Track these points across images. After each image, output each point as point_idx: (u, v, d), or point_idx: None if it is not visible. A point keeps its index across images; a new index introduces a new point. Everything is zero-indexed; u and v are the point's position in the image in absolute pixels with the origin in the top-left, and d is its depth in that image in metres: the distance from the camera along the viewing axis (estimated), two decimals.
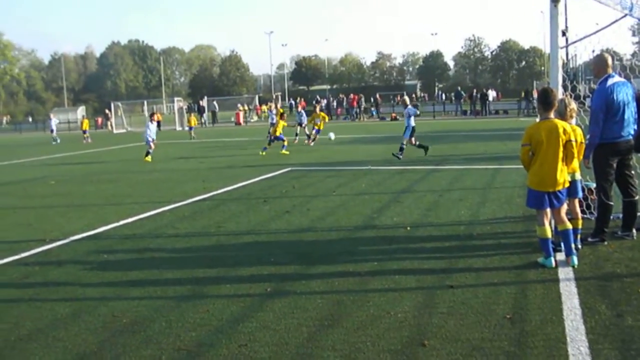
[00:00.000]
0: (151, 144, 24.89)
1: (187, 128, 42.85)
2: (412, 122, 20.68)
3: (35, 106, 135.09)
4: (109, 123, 66.11)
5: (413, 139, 20.94)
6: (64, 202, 14.55)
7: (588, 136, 8.24)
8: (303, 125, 31.46)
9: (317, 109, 32.65)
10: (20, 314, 6.66)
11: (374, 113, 62.33)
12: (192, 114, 45.55)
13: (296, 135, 30.72)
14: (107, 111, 69.52)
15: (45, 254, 9.40)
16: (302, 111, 32.95)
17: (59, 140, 44.20)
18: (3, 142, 41.47)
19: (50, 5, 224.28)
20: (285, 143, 24.88)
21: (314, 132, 29.89)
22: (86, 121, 47.26)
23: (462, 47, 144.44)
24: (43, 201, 14.98)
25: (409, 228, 9.85)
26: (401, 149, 20.19)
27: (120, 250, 9.45)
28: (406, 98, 26.02)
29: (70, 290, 7.45)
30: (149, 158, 24.59)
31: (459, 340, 5.34)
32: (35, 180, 20.15)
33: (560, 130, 7.28)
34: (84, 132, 44.62)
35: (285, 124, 25.71)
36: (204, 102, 66.47)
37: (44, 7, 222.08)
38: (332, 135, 31.41)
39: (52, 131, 47.18)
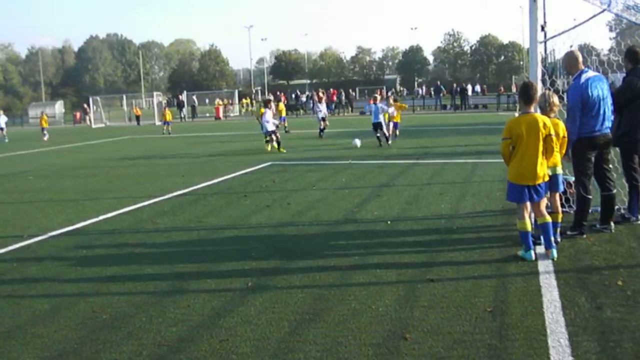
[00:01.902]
0: (273, 135, 23.15)
1: (162, 123, 41.95)
2: (380, 118, 22.65)
3: (12, 101, 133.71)
4: (87, 117, 65.65)
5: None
6: (42, 198, 14.43)
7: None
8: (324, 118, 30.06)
9: (392, 100, 27.58)
10: None
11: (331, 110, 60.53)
12: (167, 109, 44.48)
13: (321, 130, 29.60)
14: (85, 105, 69.02)
15: (23, 251, 9.31)
16: (323, 104, 32.15)
17: (6, 140, 41.62)
18: None
19: None
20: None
21: (391, 126, 24.57)
22: (45, 117, 45.24)
23: (441, 42, 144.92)
24: (21, 196, 14.84)
25: (389, 222, 9.87)
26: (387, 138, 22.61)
27: (99, 246, 9.38)
28: (377, 96, 26.31)
29: (49, 287, 7.39)
30: (280, 149, 22.91)
31: (440, 334, 5.35)
32: (12, 175, 19.97)
33: (541, 124, 7.31)
34: (43, 129, 42.68)
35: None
36: (183, 97, 66.20)
37: (20, 1, 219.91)
38: (357, 143, 22.95)
39: (1, 129, 43.38)
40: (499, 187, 12.26)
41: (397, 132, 25.63)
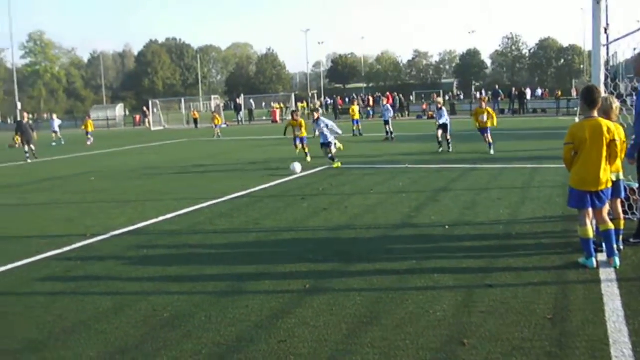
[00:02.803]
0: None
1: (213, 126, 42.26)
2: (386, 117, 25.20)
3: (75, 104, 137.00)
4: (146, 120, 66.80)
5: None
6: (104, 198, 14.76)
7: (633, 136, 8.10)
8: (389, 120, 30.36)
9: (484, 102, 23.29)
10: (64, 306, 6.79)
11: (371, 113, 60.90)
12: (216, 114, 44.94)
13: (387, 133, 29.97)
14: (145, 109, 70.24)
15: (86, 249, 9.56)
16: (388, 106, 32.08)
17: (62, 143, 42.45)
18: (45, 139, 41.99)
19: (90, 5, 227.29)
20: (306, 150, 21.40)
21: (488, 137, 21.62)
22: (90, 122, 43.97)
23: (499, 45, 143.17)
24: (84, 197, 15.22)
25: (447, 227, 9.80)
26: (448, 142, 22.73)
27: (160, 246, 9.57)
28: (440, 99, 26.61)
29: (112, 285, 7.57)
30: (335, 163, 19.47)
31: (498, 340, 5.30)
32: (75, 176, 20.48)
33: (605, 129, 7.17)
34: (87, 133, 41.99)
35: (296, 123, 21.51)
36: (240, 100, 66.79)
37: (84, 6, 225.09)
38: (297, 168, 17.61)
39: (55, 132, 44.01)
40: (559, 193, 12.07)
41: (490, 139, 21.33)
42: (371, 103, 63.63)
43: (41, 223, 11.93)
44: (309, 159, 20.76)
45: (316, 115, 19.91)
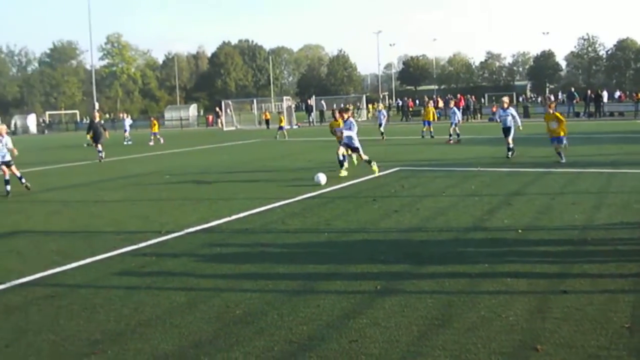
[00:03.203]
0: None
1: (277, 128, 42.36)
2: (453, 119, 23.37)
3: (149, 104, 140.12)
4: (219, 121, 67.72)
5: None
6: (177, 196, 15.08)
7: None
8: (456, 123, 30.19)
9: (551, 108, 20.54)
10: (140, 300, 6.99)
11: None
12: (281, 115, 45.29)
13: (450, 135, 29.92)
14: (217, 109, 71.23)
15: (161, 245, 9.80)
16: (455, 109, 31.89)
17: (130, 142, 43.28)
18: (119, 139, 43.04)
19: (165, 7, 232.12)
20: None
21: (564, 143, 19.22)
22: (155, 122, 43.48)
23: (575, 47, 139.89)
24: (158, 194, 15.59)
25: (520, 231, 9.66)
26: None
27: (232, 244, 9.73)
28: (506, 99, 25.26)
29: (186, 280, 7.74)
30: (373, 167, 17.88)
31: (573, 347, 5.21)
32: (150, 174, 20.95)
33: None
34: (154, 134, 41.89)
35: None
36: (311, 101, 67.10)
37: (159, 9, 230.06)
38: (321, 179, 15.96)
39: (125, 131, 45.12)
40: (637, 199, 11.78)
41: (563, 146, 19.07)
42: (440, 105, 62.98)
43: (117, 220, 12.27)
44: (345, 167, 17.99)
45: (346, 116, 18.37)
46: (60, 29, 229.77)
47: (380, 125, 34.55)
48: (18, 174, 17.39)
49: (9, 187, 16.78)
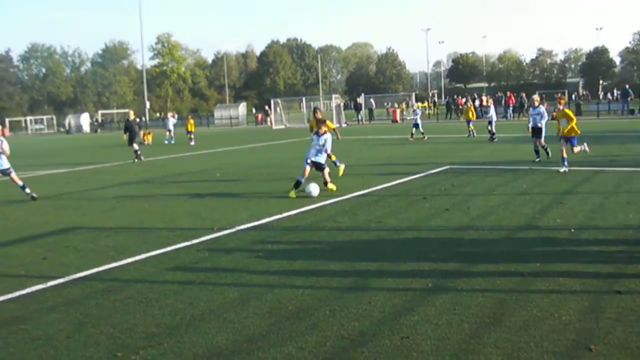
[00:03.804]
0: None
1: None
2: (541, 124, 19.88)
3: (199, 103, 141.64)
4: (268, 119, 68.10)
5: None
6: (229, 193, 15.27)
7: None
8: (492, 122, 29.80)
9: (561, 104, 17.84)
10: (194, 295, 7.12)
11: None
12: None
13: (490, 133, 29.69)
14: (266, 108, 71.64)
15: (213, 242, 9.95)
16: (491, 106, 31.47)
17: (173, 141, 42.42)
18: (161, 137, 43.61)
19: (214, 7, 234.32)
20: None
21: (582, 148, 17.43)
22: (191, 121, 42.51)
23: (629, 42, 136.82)
24: (210, 192, 15.78)
25: (573, 230, 9.56)
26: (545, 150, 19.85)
27: (283, 241, 9.83)
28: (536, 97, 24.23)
29: (238, 276, 7.88)
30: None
31: (628, 348, 5.16)
32: (201, 172, 21.23)
33: None
34: (189, 132, 40.86)
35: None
36: (360, 100, 67.02)
37: (209, 8, 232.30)
38: (313, 191, 14.11)
39: (169, 131, 43.81)
40: None
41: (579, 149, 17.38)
42: (484, 103, 62.07)
43: (171, 216, 12.49)
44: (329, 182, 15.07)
45: (323, 129, 15.16)
46: (112, 29, 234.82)
47: (416, 125, 32.57)
48: (20, 183, 16.23)
49: (27, 190, 16.14)
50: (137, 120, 32.06)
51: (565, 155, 16.71)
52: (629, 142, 25.80)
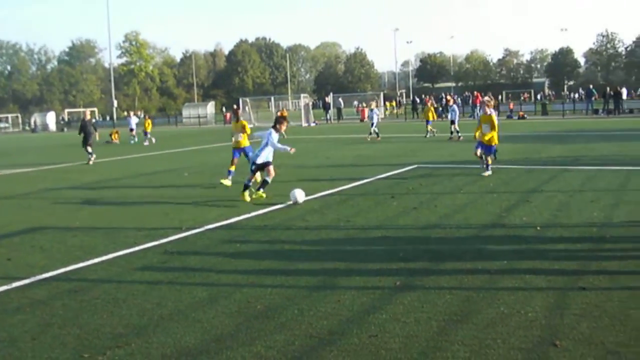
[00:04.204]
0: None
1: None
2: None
3: (167, 101, 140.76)
4: None
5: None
6: (197, 193, 15.19)
7: None
8: (455, 122, 30.37)
9: (489, 108, 17.45)
10: (162, 295, 7.09)
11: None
12: (279, 112, 45.32)
13: (452, 132, 30.26)
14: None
15: (182, 241, 9.91)
16: (454, 106, 31.90)
17: (137, 140, 41.80)
18: (127, 137, 43.20)
19: (183, 5, 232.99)
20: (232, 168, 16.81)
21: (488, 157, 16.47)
22: (149, 121, 42.05)
23: (593, 43, 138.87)
24: (178, 191, 15.70)
25: (539, 228, 9.68)
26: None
27: (252, 240, 9.82)
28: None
29: (207, 276, 7.85)
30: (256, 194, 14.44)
31: (592, 343, 5.24)
32: (169, 171, 21.11)
33: None
34: (146, 133, 40.41)
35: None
36: (329, 99, 67.11)
37: (177, 7, 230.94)
38: (298, 197, 12.94)
39: (131, 130, 43.00)
40: None
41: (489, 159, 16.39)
42: (450, 102, 62.29)
43: (138, 216, 12.41)
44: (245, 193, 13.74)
45: (283, 128, 14.40)
46: (79, 27, 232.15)
47: (372, 124, 32.67)
48: None
49: None
50: (93, 120, 30.72)
51: (484, 157, 16.20)
52: (593, 141, 26.17)
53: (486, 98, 20.39)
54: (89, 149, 26.29)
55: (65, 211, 13.54)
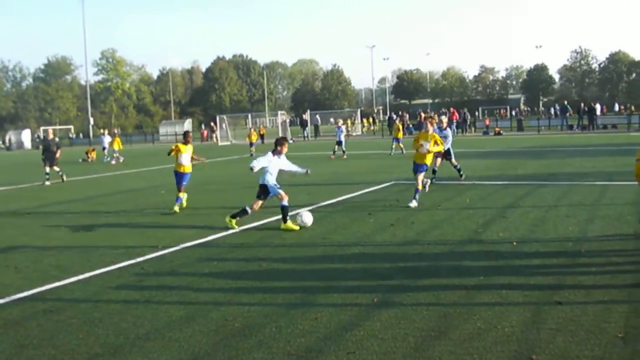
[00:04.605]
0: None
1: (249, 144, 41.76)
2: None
3: (144, 119, 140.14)
4: (214, 136, 67.81)
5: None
6: (174, 210, 15.06)
7: None
8: None
9: (432, 126, 15.21)
10: (139, 314, 7.04)
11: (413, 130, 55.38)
12: (253, 130, 45.27)
13: (334, 152, 31.48)
14: (212, 124, 71.33)
15: (158, 260, 9.85)
16: (343, 127, 33.14)
17: (109, 159, 40.40)
18: (101, 155, 42.91)
19: (160, 23, 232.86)
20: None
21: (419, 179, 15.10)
22: (118, 140, 41.84)
23: (568, 60, 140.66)
24: (155, 209, 15.61)
25: (515, 243, 9.76)
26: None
27: (229, 258, 9.78)
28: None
29: (184, 295, 7.80)
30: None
31: (568, 357, 5.29)
32: (146, 189, 20.99)
33: None
34: (115, 151, 39.82)
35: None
36: (306, 116, 67.24)
37: (154, 24, 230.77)
38: (306, 219, 12.14)
39: (104, 148, 42.46)
40: (630, 211, 11.86)
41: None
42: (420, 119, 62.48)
43: (115, 234, 12.31)
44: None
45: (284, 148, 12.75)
46: (55, 44, 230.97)
47: (339, 142, 32.80)
48: None
49: None
50: (57, 139, 29.09)
51: (423, 184, 14.88)
52: (569, 156, 26.45)
53: (434, 115, 18.55)
54: (56, 169, 25.43)
55: (41, 230, 13.41)
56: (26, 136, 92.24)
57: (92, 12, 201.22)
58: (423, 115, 45.50)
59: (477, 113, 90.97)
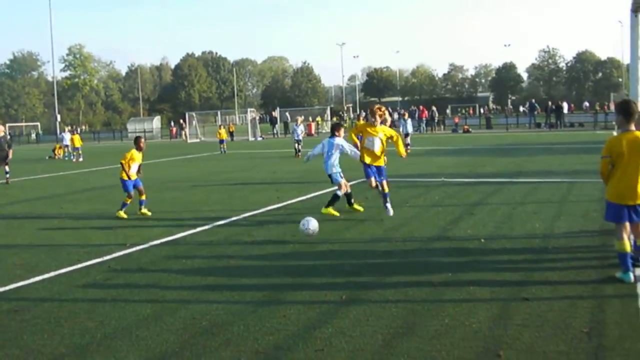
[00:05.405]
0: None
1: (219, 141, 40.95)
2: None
3: (112, 116, 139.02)
4: (183, 133, 67.46)
5: None
6: None
7: None
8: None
9: (379, 119, 14.15)
10: (105, 313, 6.95)
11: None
12: (223, 127, 45.00)
13: (296, 151, 31.44)
14: (181, 121, 70.94)
15: (126, 258, 9.74)
16: (302, 126, 33.36)
17: (71, 156, 39.82)
18: (84, 150, 42.47)
19: (128, 19, 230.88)
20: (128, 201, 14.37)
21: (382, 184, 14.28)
22: (77, 137, 40.04)
23: (536, 59, 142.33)
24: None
25: (483, 240, 9.82)
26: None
27: (198, 256, 9.71)
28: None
29: (152, 293, 7.73)
30: None
31: (534, 353, 5.33)
32: (113, 187, 20.73)
33: None
34: (75, 149, 38.95)
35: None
36: (276, 113, 67.19)
37: (122, 20, 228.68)
38: (311, 227, 10.69)
39: (66, 146, 41.56)
40: (595, 208, 12.00)
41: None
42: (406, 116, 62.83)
43: (81, 232, 12.18)
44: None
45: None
46: (21, 39, 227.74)
47: (298, 142, 32.23)
48: None
49: None
50: (8, 137, 27.92)
51: (387, 190, 13.09)
52: (536, 154, 26.73)
53: (377, 106, 15.35)
54: (6, 168, 23.89)
55: (5, 228, 13.21)
56: None
57: (60, 6, 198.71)
58: (405, 112, 45.05)
59: (447, 111, 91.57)
